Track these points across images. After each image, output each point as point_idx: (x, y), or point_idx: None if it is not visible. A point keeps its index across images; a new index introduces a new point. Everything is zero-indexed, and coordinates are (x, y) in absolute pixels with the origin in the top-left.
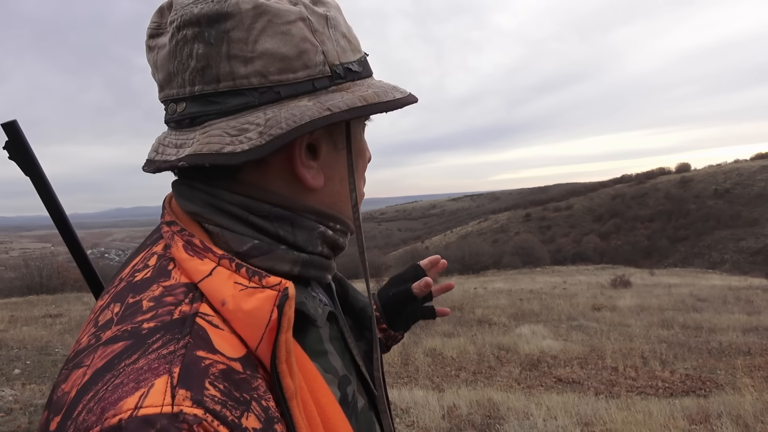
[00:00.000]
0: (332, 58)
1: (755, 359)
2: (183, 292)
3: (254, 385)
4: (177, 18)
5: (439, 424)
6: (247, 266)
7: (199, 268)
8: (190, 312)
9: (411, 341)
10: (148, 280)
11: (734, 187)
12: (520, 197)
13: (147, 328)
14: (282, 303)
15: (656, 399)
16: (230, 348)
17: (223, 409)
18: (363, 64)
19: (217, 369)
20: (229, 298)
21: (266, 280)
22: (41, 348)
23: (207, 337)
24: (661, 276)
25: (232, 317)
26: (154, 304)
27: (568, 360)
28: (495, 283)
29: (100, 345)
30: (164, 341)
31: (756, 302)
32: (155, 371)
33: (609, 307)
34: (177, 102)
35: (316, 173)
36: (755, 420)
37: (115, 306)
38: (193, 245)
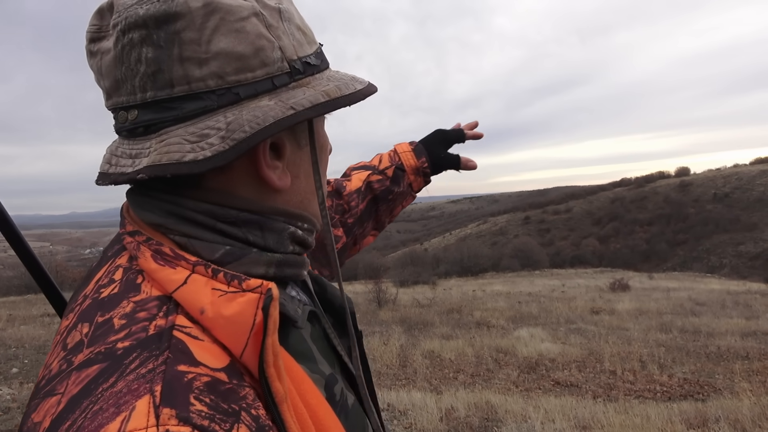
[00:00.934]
0: (290, 53)
1: (753, 364)
2: (156, 305)
3: (242, 394)
4: (121, 21)
5: (437, 426)
6: (224, 271)
7: (172, 277)
8: (166, 325)
9: (409, 343)
10: (117, 295)
11: (733, 191)
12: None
13: (122, 347)
14: (267, 305)
15: (654, 403)
16: (213, 358)
17: (212, 423)
18: (320, 56)
19: (202, 382)
20: (207, 305)
21: (246, 283)
22: (39, 347)
23: (187, 350)
24: (659, 280)
25: (212, 325)
26: (126, 322)
27: (566, 363)
28: (494, 285)
29: (73, 370)
30: (142, 360)
31: (754, 307)
32: (135, 392)
33: (607, 310)
34: (128, 110)
35: (282, 173)
36: (753, 424)
37: (83, 326)
38: (163, 254)
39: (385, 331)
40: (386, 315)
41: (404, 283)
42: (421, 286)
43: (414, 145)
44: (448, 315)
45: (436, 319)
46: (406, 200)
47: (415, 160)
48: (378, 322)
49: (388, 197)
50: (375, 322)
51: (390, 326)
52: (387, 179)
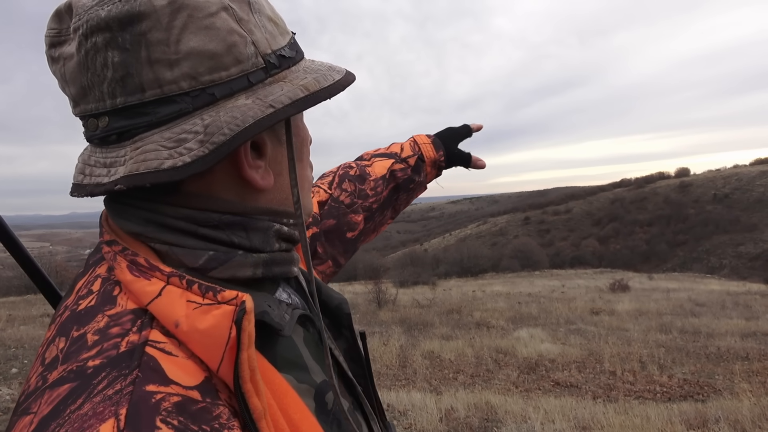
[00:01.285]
0: (263, 47)
1: (753, 364)
2: (130, 320)
3: (215, 413)
4: (82, 24)
5: (437, 426)
6: (199, 282)
7: (147, 289)
8: (139, 341)
9: (409, 344)
10: (92, 308)
11: (733, 192)
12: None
13: (92, 366)
14: (240, 318)
15: (654, 403)
16: (186, 376)
17: None
18: (294, 47)
19: (170, 403)
20: (182, 318)
21: (221, 295)
22: (39, 347)
23: (158, 368)
24: (659, 280)
25: (187, 339)
26: (99, 338)
27: (566, 364)
28: (493, 286)
29: (46, 388)
30: (110, 380)
31: (754, 307)
32: (100, 416)
33: (607, 311)
34: (97, 117)
35: (265, 173)
36: (753, 425)
37: (60, 340)
38: (138, 265)
39: (385, 332)
40: (386, 315)
41: (404, 284)
42: (421, 287)
43: (432, 138)
44: (448, 315)
45: (436, 319)
46: (420, 190)
47: (434, 152)
48: (378, 322)
49: (409, 186)
50: (375, 322)
51: (390, 327)
52: (409, 168)
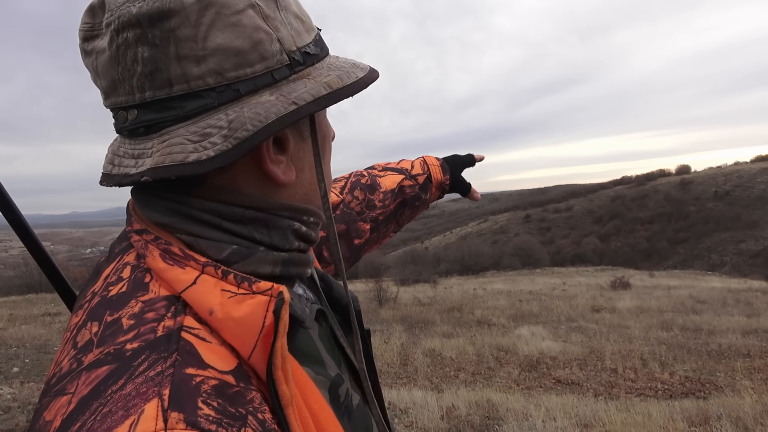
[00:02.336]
0: (288, 44)
1: (755, 361)
2: (164, 306)
3: (249, 397)
4: (114, 20)
5: (438, 424)
6: (234, 273)
7: (181, 277)
8: (175, 327)
9: (410, 342)
10: (125, 294)
11: (734, 189)
12: (520, 198)
13: (131, 348)
14: (278, 308)
15: (655, 401)
16: (221, 361)
17: (219, 428)
18: (319, 44)
19: (210, 385)
20: (217, 306)
21: (256, 285)
22: (40, 346)
23: (195, 352)
24: (660, 278)
25: (221, 326)
26: (135, 322)
27: (567, 361)
28: (494, 284)
29: (83, 370)
30: (150, 362)
31: (756, 304)
32: (144, 396)
33: (608, 308)
34: (127, 110)
35: (287, 168)
36: (755, 422)
37: (92, 325)
38: (172, 254)
39: (386, 330)
40: (387, 313)
41: (405, 282)
42: (422, 285)
43: (441, 161)
44: (449, 313)
45: (437, 317)
46: (424, 208)
47: (442, 175)
48: (379, 320)
49: (415, 203)
50: (376, 320)
51: (391, 325)
52: (417, 186)
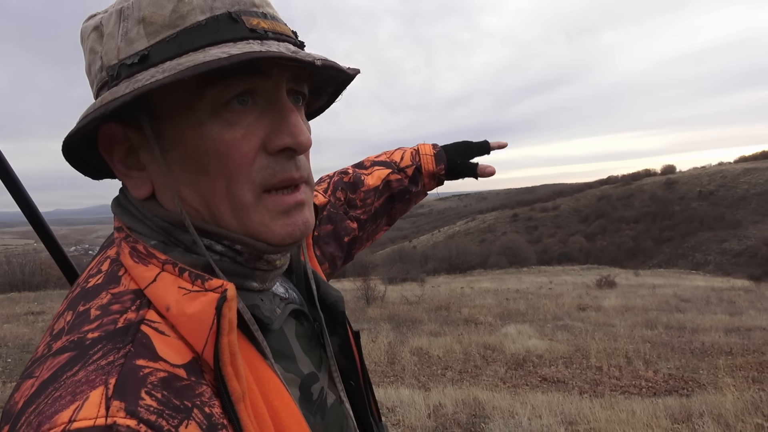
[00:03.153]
0: (108, 60)
1: (737, 359)
2: (130, 299)
3: (198, 391)
4: None
5: (425, 423)
6: (189, 270)
7: (144, 274)
8: (136, 319)
9: (397, 340)
10: (99, 286)
11: (718, 189)
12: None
13: (91, 338)
14: (220, 305)
15: (639, 398)
16: (175, 354)
17: (159, 419)
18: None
19: (157, 377)
20: (173, 303)
21: (208, 283)
22: (23, 345)
23: (150, 345)
24: (645, 277)
25: (177, 322)
26: (100, 313)
27: (553, 359)
28: (482, 282)
29: (49, 355)
30: (104, 351)
31: (738, 303)
32: (92, 383)
33: (594, 307)
34: None
35: (142, 182)
36: (736, 419)
37: (68, 314)
38: (138, 252)
39: (374, 329)
40: (374, 312)
41: (393, 281)
42: (410, 284)
43: (436, 150)
44: (437, 312)
45: (425, 316)
46: (419, 198)
47: (434, 165)
48: (366, 319)
49: (404, 196)
50: (363, 319)
51: (378, 323)
52: (406, 178)
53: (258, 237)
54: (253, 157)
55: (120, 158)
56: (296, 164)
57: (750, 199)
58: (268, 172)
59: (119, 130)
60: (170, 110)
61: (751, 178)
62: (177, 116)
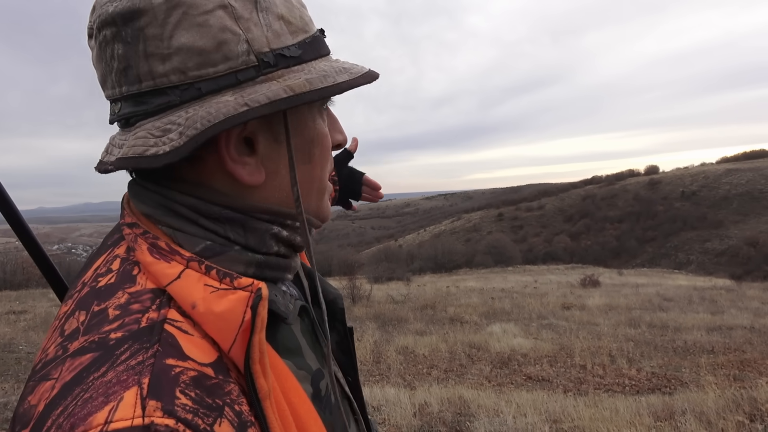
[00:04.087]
0: (259, 46)
1: (718, 358)
2: (150, 298)
3: (227, 389)
4: (96, 19)
5: (411, 421)
6: (217, 268)
7: (167, 271)
8: (158, 319)
9: (383, 339)
10: (113, 286)
11: (701, 189)
12: (493, 197)
13: (114, 338)
14: (255, 304)
15: (623, 396)
16: (201, 353)
17: (195, 417)
18: (306, 46)
19: (188, 376)
20: (199, 300)
21: (238, 281)
22: (4, 345)
23: (177, 344)
24: (629, 276)
25: (203, 320)
26: (120, 312)
27: (538, 358)
28: (467, 281)
29: (68, 356)
30: (132, 351)
31: (720, 302)
32: (124, 383)
33: (578, 306)
34: (115, 102)
35: (254, 169)
36: (717, 417)
37: (80, 314)
38: (159, 248)
39: (359, 327)
40: (360, 311)
41: (378, 280)
42: (396, 283)
43: None
44: (422, 311)
45: (410, 315)
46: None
47: None
48: (352, 318)
49: None
50: (349, 318)
51: (364, 322)
52: None
53: (321, 215)
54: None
55: (234, 144)
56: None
57: (732, 199)
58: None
59: None
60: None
61: (732, 178)
62: (302, 109)
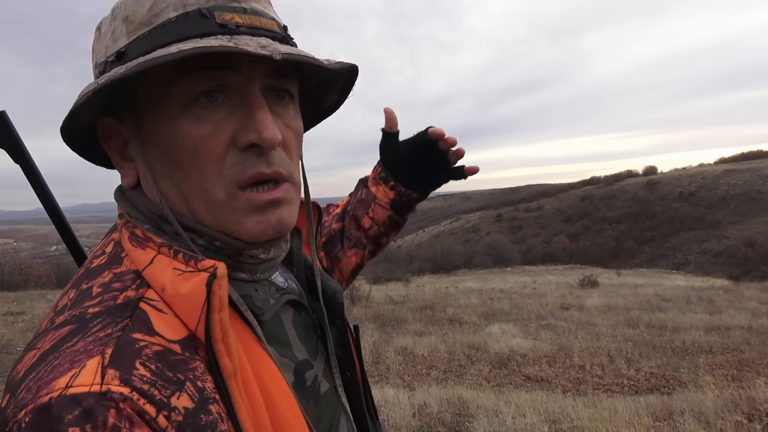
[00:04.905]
0: (99, 58)
1: (716, 358)
2: (131, 278)
3: (191, 366)
4: None
5: (410, 422)
6: (184, 252)
7: (142, 257)
8: (135, 297)
9: (382, 340)
10: (102, 266)
11: (698, 190)
12: (492, 198)
13: (91, 312)
14: (210, 282)
15: (622, 396)
16: (171, 330)
17: (152, 388)
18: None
19: (152, 350)
20: (168, 283)
21: (201, 263)
22: (2, 346)
23: (147, 321)
24: (627, 276)
25: (171, 301)
26: (102, 290)
27: (536, 358)
28: (466, 282)
29: (51, 329)
30: (103, 324)
31: (718, 302)
32: (89, 353)
33: (577, 306)
34: None
35: (128, 172)
36: (716, 417)
37: (71, 292)
38: (136, 236)
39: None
40: (359, 312)
41: (377, 280)
42: (395, 283)
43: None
44: (421, 312)
45: (409, 315)
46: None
47: (372, 172)
48: (351, 318)
49: (349, 211)
50: (348, 318)
51: (363, 323)
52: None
53: (232, 234)
54: (222, 153)
55: (116, 149)
56: (267, 160)
57: (729, 200)
58: (239, 168)
59: (113, 124)
60: (147, 105)
61: (730, 179)
62: (153, 111)
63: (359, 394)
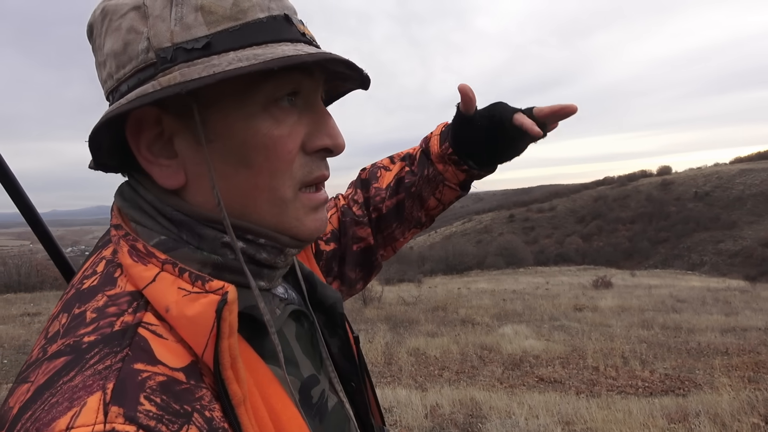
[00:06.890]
0: (159, 42)
1: (733, 359)
2: (127, 301)
3: (198, 395)
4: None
5: (422, 423)
6: (190, 271)
7: (143, 274)
8: (133, 322)
9: (395, 341)
10: (95, 288)
11: (714, 190)
12: (504, 198)
13: (87, 342)
14: (220, 308)
15: (636, 398)
16: (174, 358)
17: (158, 424)
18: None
19: (156, 381)
20: (172, 304)
21: (209, 284)
22: (19, 347)
23: (148, 348)
24: (641, 277)
25: (176, 324)
26: (96, 316)
27: (549, 360)
28: (478, 283)
29: (44, 360)
30: (101, 356)
31: (734, 303)
32: (89, 389)
33: (590, 307)
34: None
35: (172, 172)
36: (732, 419)
37: (62, 316)
38: (137, 250)
39: (371, 329)
40: (371, 313)
41: (390, 281)
42: (407, 284)
43: (444, 127)
44: (434, 313)
45: (422, 316)
46: (438, 190)
47: (438, 146)
48: (363, 320)
49: (410, 189)
50: (360, 320)
51: (375, 324)
52: (415, 166)
53: (289, 231)
54: (295, 154)
55: (147, 144)
56: (327, 164)
57: (745, 199)
58: (306, 170)
59: (154, 115)
60: (221, 100)
61: (746, 179)
62: (227, 107)
63: (365, 404)
